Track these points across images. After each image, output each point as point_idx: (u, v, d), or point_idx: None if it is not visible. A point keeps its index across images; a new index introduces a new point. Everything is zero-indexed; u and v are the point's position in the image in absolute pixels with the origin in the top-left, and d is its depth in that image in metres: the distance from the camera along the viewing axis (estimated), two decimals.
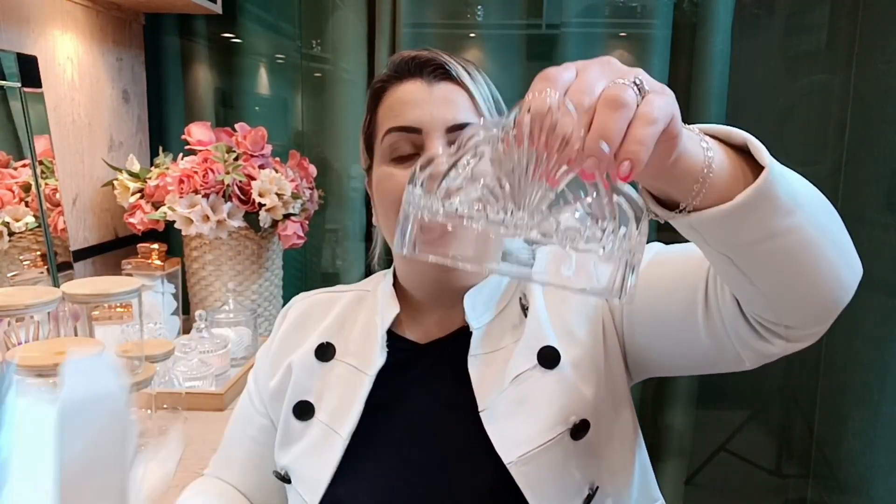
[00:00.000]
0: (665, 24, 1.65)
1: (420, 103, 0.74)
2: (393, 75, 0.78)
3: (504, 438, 0.69)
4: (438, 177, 0.42)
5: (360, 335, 0.80)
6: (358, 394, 0.75)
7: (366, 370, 0.77)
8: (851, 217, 1.45)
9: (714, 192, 0.49)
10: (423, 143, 0.73)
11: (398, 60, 0.78)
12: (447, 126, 0.73)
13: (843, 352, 1.47)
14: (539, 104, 0.41)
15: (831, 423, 1.52)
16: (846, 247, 0.57)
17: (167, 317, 1.52)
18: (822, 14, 1.58)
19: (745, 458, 1.80)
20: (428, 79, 0.75)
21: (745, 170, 0.51)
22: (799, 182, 0.54)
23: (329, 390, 0.78)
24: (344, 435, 0.74)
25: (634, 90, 0.43)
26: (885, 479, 1.35)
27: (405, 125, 0.74)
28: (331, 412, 0.76)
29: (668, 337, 0.68)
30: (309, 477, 0.75)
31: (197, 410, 1.23)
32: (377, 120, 0.78)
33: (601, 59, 0.46)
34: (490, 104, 0.77)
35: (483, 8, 1.73)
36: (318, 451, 0.75)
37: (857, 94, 1.46)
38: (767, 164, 0.49)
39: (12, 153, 1.28)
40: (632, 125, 0.42)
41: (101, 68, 1.60)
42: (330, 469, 0.73)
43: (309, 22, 1.78)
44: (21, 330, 1.10)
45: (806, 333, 0.58)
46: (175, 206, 1.44)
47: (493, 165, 0.41)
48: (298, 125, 1.83)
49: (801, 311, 0.57)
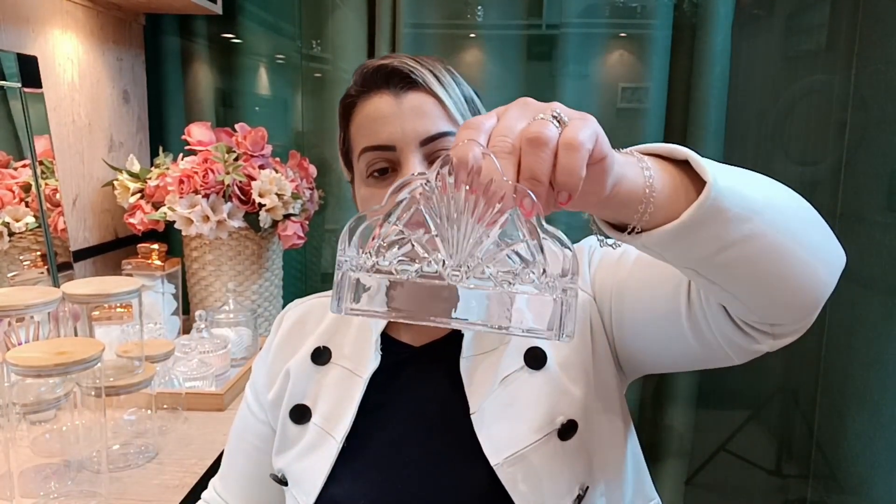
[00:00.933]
0: (665, 24, 1.65)
1: (389, 119, 0.72)
2: (361, 90, 0.76)
3: (492, 440, 0.69)
4: (370, 235, 0.43)
5: (354, 339, 0.80)
6: (352, 397, 0.76)
7: (360, 373, 0.77)
8: (851, 217, 1.46)
9: (662, 211, 0.50)
10: (399, 160, 0.72)
11: (364, 72, 0.76)
12: (420, 140, 0.71)
13: (843, 352, 1.47)
14: (461, 152, 0.42)
15: (831, 423, 1.52)
16: (822, 244, 0.56)
17: (167, 317, 1.52)
18: (822, 14, 1.58)
19: (745, 458, 1.79)
20: (395, 91, 0.73)
21: (690, 187, 0.51)
22: (757, 187, 0.53)
23: (325, 393, 0.78)
24: (338, 437, 0.74)
25: (554, 123, 0.44)
26: (885, 479, 1.35)
27: (378, 144, 0.72)
28: (326, 415, 0.77)
29: (656, 339, 0.68)
30: (304, 479, 0.75)
31: (197, 410, 1.23)
32: (351, 137, 0.77)
33: (518, 101, 0.47)
34: (463, 106, 0.75)
35: (483, 8, 1.73)
36: (313, 453, 0.75)
37: (857, 94, 1.46)
38: (710, 180, 0.49)
39: (12, 153, 1.28)
40: (558, 156, 0.43)
41: (101, 68, 1.60)
42: (325, 471, 0.73)
43: (309, 22, 1.78)
44: (21, 330, 1.10)
45: (792, 329, 0.58)
46: (175, 206, 1.44)
47: (425, 217, 0.42)
48: (298, 125, 1.83)
49: (781, 312, 0.56)
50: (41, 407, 0.97)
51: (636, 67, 1.70)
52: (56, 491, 0.95)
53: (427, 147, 0.72)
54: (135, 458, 1.06)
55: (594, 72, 1.72)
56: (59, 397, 0.97)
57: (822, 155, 1.56)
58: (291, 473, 0.77)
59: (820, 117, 1.59)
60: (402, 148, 0.71)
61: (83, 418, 0.99)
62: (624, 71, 1.72)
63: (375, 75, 0.75)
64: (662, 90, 1.68)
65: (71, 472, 0.98)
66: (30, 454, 1.04)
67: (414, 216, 0.42)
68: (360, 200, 0.77)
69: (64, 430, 1.07)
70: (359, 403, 0.75)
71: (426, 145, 0.72)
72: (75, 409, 1.00)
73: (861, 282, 1.41)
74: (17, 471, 0.93)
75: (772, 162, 1.68)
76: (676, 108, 1.69)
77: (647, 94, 1.68)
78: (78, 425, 1.00)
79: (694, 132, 1.66)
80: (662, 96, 1.68)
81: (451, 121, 0.73)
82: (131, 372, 1.05)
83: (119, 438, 1.11)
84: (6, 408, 0.91)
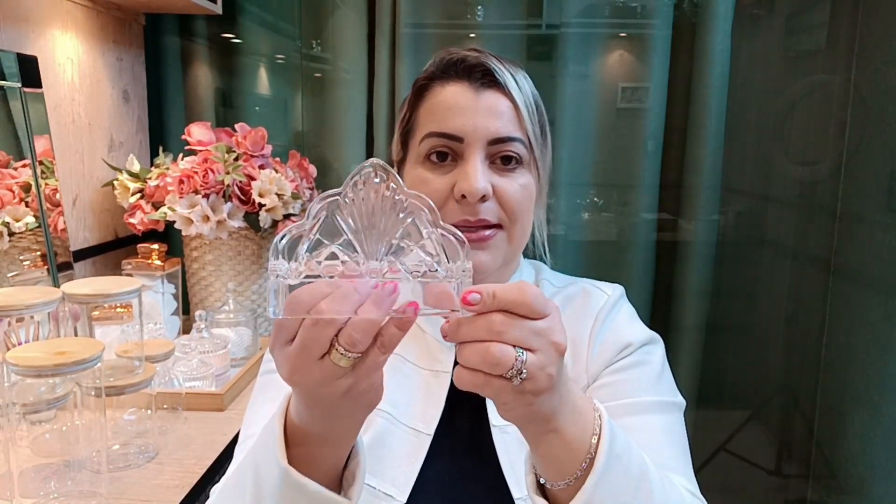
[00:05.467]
0: (665, 24, 1.65)
1: (464, 111, 0.72)
2: (440, 74, 0.76)
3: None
4: (297, 243, 0.47)
5: None
6: (438, 392, 0.76)
7: (438, 367, 0.77)
8: (851, 217, 1.46)
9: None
10: (463, 153, 0.72)
11: (445, 59, 0.76)
12: (490, 138, 0.72)
13: (843, 352, 1.47)
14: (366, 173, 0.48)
15: (831, 423, 1.52)
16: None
17: (167, 317, 1.52)
18: (822, 14, 1.58)
19: (745, 458, 1.79)
20: (475, 84, 0.73)
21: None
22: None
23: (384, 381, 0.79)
24: (431, 432, 0.74)
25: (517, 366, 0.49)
26: (885, 479, 1.35)
27: (447, 132, 0.73)
28: (399, 406, 0.76)
29: None
30: (384, 471, 0.73)
31: (197, 410, 1.23)
32: (417, 119, 0.77)
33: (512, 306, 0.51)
34: (533, 112, 0.75)
35: (483, 8, 1.73)
36: (393, 445, 0.74)
37: (857, 94, 1.46)
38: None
39: (12, 153, 1.28)
40: None
41: (101, 68, 1.60)
42: (417, 465, 0.72)
43: (309, 22, 1.78)
44: (21, 330, 1.10)
45: None
46: (175, 206, 1.44)
47: (342, 225, 0.47)
48: (298, 125, 1.83)
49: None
50: (41, 407, 0.97)
51: (636, 67, 1.70)
52: (56, 491, 0.95)
53: (493, 147, 0.72)
54: (135, 458, 1.06)
55: (594, 72, 1.72)
56: (59, 397, 0.97)
57: (822, 155, 1.56)
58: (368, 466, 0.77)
59: (820, 117, 1.59)
60: (470, 142, 0.72)
61: (83, 418, 0.99)
62: (624, 71, 1.72)
63: (458, 65, 0.75)
64: (662, 90, 1.68)
65: (71, 472, 0.98)
66: (30, 454, 1.04)
67: (331, 226, 0.47)
68: (410, 182, 0.76)
69: (64, 430, 1.07)
70: (446, 399, 0.75)
71: (493, 145, 0.72)
72: (75, 409, 1.00)
73: (861, 282, 1.41)
74: (17, 471, 0.93)
75: (772, 162, 1.68)
76: (676, 108, 1.69)
77: (647, 94, 1.68)
78: (78, 425, 1.00)
79: (694, 132, 1.66)
80: (662, 96, 1.68)
81: (522, 127, 0.74)
82: (131, 372, 1.05)
83: (119, 438, 1.11)
84: (6, 408, 0.91)
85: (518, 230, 0.75)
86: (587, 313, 0.80)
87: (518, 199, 0.73)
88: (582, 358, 0.77)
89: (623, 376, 0.76)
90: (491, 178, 0.72)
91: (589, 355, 0.78)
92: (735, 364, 1.82)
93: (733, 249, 1.76)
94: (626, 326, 0.80)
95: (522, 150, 0.74)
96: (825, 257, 1.53)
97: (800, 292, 1.69)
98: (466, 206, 0.72)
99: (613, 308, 0.81)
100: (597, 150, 1.74)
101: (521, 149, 0.74)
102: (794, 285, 1.71)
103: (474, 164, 0.71)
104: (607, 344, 0.78)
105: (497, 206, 0.73)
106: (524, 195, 0.74)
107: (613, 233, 1.80)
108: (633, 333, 0.79)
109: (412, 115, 0.78)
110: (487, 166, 0.73)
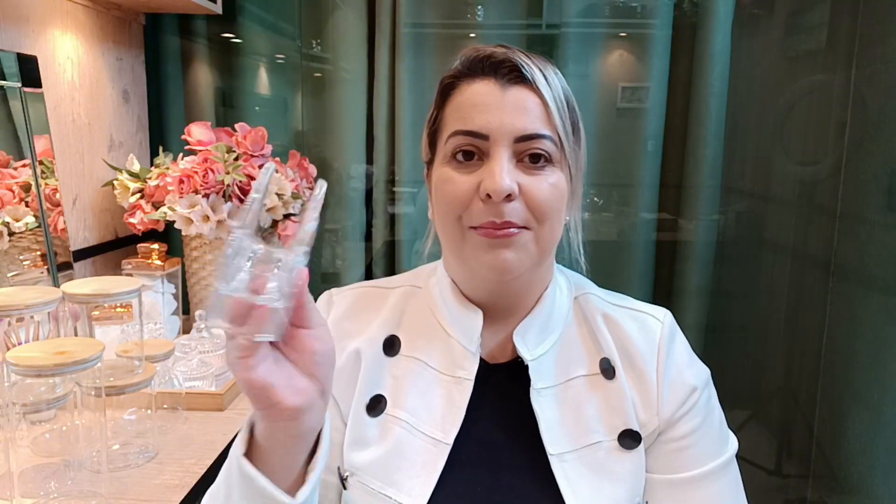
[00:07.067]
0: (665, 24, 1.65)
1: (490, 108, 0.70)
2: (466, 72, 0.74)
3: (576, 496, 0.71)
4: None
5: (423, 333, 0.79)
6: (459, 401, 0.75)
7: (461, 374, 0.76)
8: (851, 217, 1.46)
9: None
10: (489, 151, 0.70)
11: (472, 57, 0.74)
12: (516, 136, 0.70)
13: (843, 352, 1.47)
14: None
15: (831, 423, 1.51)
16: None
17: (167, 317, 1.52)
18: (822, 14, 1.58)
19: (745, 458, 1.79)
20: (501, 81, 0.71)
21: None
22: None
23: (404, 388, 0.77)
24: (450, 442, 0.73)
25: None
26: (885, 479, 1.35)
27: (473, 130, 0.71)
28: (419, 414, 0.75)
29: None
30: (401, 481, 0.72)
31: (197, 410, 1.23)
32: (444, 118, 0.75)
33: None
34: (563, 108, 0.73)
35: (483, 8, 1.73)
36: (410, 454, 0.73)
37: (857, 94, 1.46)
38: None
39: (12, 153, 1.28)
40: None
41: (101, 68, 1.60)
42: (434, 475, 0.72)
43: (309, 22, 1.78)
44: (21, 330, 1.10)
45: None
46: (175, 206, 1.44)
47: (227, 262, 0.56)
48: (298, 125, 1.83)
49: None
50: (41, 407, 0.97)
51: (636, 67, 1.70)
52: (56, 491, 0.95)
53: (519, 144, 0.70)
54: (135, 458, 1.06)
55: (594, 72, 1.72)
56: (59, 397, 0.97)
57: (822, 155, 1.56)
58: (383, 476, 0.74)
59: (820, 117, 1.59)
60: (496, 139, 0.70)
61: (83, 418, 0.99)
62: (624, 71, 1.72)
63: (484, 62, 0.73)
64: (662, 90, 1.68)
65: (71, 472, 0.98)
66: (30, 454, 1.04)
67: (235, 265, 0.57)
68: (436, 181, 0.75)
69: (64, 430, 1.07)
70: (466, 407, 0.75)
71: (519, 143, 0.70)
72: (75, 409, 1.00)
73: (861, 282, 1.41)
74: (17, 471, 0.93)
75: (772, 162, 1.68)
76: (676, 108, 1.69)
77: (647, 94, 1.68)
78: (78, 425, 1.00)
79: (694, 132, 1.66)
80: (662, 96, 1.68)
81: (550, 124, 0.71)
82: (131, 372, 1.05)
83: (119, 438, 1.11)
84: (6, 408, 0.91)
85: (546, 231, 0.72)
86: (649, 350, 0.78)
87: (546, 198, 0.71)
88: (653, 401, 0.76)
89: (691, 441, 0.77)
90: (518, 177, 0.70)
91: (660, 399, 0.76)
92: (735, 364, 1.82)
93: (733, 249, 1.76)
94: (688, 367, 0.79)
95: (551, 147, 0.71)
96: (825, 257, 1.53)
97: (800, 292, 1.69)
98: (492, 207, 0.69)
99: (673, 342, 0.79)
100: (597, 150, 1.74)
101: (550, 146, 0.71)
102: (794, 285, 1.71)
103: (500, 162, 0.69)
104: (675, 385, 0.77)
105: (524, 208, 0.70)
106: (553, 195, 0.71)
107: (613, 233, 1.81)
108: (696, 375, 0.78)
109: (439, 114, 0.77)
110: (515, 165, 0.70)
